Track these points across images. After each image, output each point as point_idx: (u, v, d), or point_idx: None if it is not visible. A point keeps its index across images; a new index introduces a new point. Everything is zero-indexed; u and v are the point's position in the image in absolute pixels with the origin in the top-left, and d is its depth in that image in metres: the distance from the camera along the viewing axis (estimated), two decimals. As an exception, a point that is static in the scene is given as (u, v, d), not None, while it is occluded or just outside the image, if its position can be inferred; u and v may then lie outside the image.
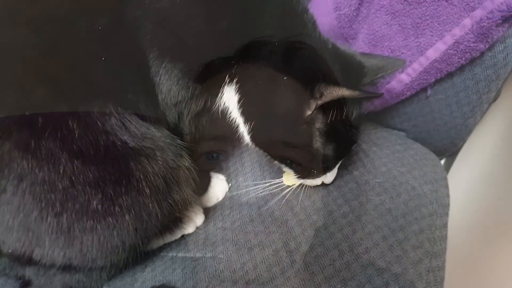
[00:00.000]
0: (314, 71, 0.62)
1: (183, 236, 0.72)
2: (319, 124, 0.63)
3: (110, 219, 0.53)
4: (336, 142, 0.65)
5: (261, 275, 0.61)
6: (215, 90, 0.63)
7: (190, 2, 0.58)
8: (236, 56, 0.60)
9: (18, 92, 0.49)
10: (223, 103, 0.65)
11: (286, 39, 0.60)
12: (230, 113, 0.66)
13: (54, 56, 0.52)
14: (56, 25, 0.52)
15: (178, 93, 0.60)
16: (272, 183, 0.73)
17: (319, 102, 0.59)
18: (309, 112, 0.61)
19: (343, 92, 0.56)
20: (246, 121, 0.65)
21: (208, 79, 0.61)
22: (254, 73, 0.61)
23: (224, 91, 0.63)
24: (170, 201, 0.59)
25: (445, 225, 0.73)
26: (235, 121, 0.67)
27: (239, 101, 0.63)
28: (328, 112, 0.61)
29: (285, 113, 0.63)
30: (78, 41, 0.53)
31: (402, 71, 0.82)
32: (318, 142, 0.64)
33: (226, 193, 0.79)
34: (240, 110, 0.64)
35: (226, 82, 0.62)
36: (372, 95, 0.69)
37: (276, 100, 0.62)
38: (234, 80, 0.62)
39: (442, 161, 0.98)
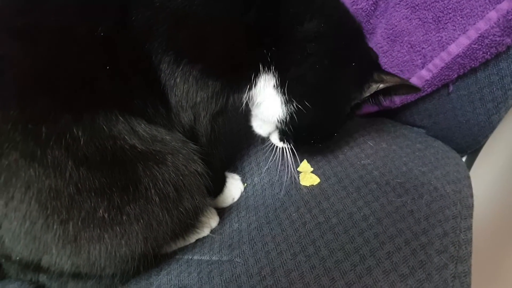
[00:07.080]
0: (368, 57, 0.67)
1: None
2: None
3: (118, 228, 0.50)
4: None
5: (279, 280, 0.57)
6: (244, 83, 0.59)
7: None
8: (268, 44, 0.57)
9: (20, 105, 0.46)
10: (255, 94, 0.62)
11: (325, 18, 0.59)
12: (262, 101, 0.64)
13: (54, 66, 0.48)
14: (53, 33, 0.49)
15: (196, 94, 0.56)
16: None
17: (381, 86, 0.63)
18: (367, 94, 0.65)
19: (397, 79, 0.63)
20: (289, 101, 0.62)
21: (234, 73, 0.58)
22: (300, 57, 0.59)
23: (258, 81, 0.59)
24: (181, 209, 0.55)
25: (469, 228, 0.67)
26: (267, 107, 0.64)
27: (281, 85, 0.61)
28: None
29: (342, 93, 0.65)
30: (78, 48, 0.50)
31: (423, 67, 0.77)
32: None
33: (242, 193, 0.75)
34: (281, 91, 0.61)
35: (260, 72, 0.59)
36: (413, 86, 0.68)
37: (338, 81, 0.63)
38: (272, 67, 0.59)
39: (464, 159, 0.92)
